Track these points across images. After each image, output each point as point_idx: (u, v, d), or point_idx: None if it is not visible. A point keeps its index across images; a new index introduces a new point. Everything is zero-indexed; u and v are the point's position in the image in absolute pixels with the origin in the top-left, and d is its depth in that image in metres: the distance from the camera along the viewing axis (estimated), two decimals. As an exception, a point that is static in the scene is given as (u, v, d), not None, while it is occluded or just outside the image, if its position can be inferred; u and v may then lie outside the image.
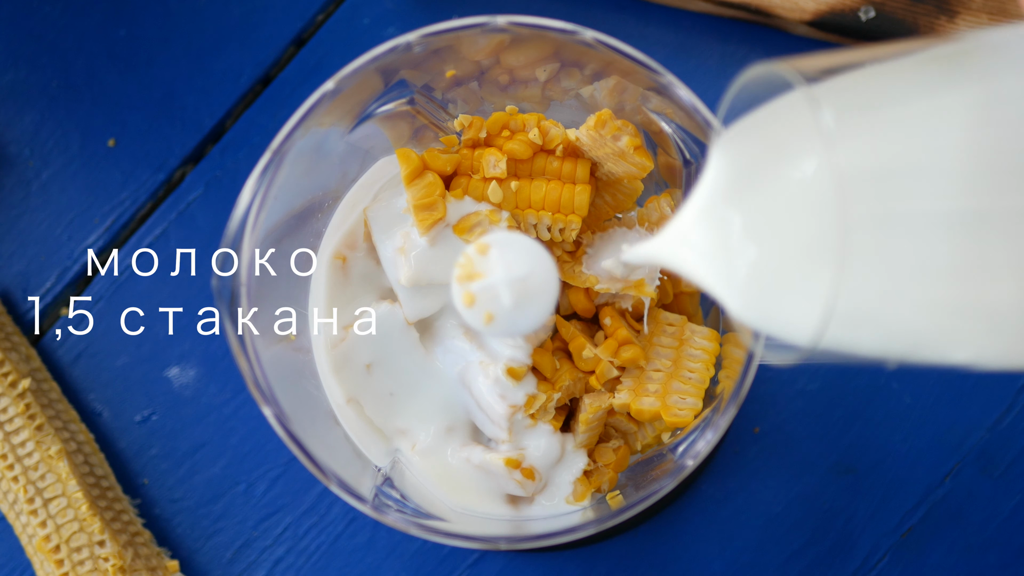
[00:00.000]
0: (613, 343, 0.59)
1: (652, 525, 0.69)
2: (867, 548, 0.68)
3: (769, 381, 0.69)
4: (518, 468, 0.59)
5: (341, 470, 0.55)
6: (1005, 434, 0.69)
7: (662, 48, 0.71)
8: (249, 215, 0.55)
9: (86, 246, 0.71)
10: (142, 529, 0.69)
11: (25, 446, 0.67)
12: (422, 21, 0.71)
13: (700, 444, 0.54)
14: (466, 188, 0.59)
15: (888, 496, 0.68)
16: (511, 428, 0.59)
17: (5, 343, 0.69)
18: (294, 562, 0.69)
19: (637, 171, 0.58)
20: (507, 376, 0.58)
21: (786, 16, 0.69)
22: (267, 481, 0.70)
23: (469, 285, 0.50)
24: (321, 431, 0.58)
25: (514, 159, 0.58)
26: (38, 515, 0.66)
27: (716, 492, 0.69)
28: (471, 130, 0.59)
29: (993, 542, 0.68)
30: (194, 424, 0.70)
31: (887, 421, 0.69)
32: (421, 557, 0.69)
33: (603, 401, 0.59)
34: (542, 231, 0.59)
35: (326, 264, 0.60)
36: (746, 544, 0.68)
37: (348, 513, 0.69)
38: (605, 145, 0.58)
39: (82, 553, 0.66)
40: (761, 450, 0.69)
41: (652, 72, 0.55)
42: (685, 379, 0.58)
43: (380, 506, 0.55)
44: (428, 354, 0.60)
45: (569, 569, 0.69)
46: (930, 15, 0.69)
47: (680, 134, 0.57)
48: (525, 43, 0.57)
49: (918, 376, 0.69)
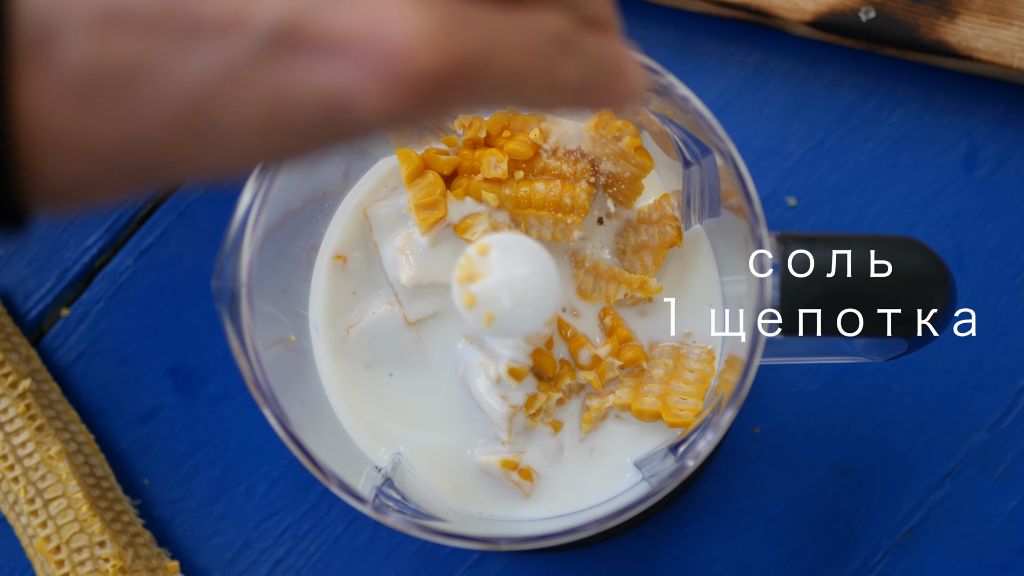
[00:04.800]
0: (614, 343, 0.59)
1: (652, 525, 0.69)
2: (867, 548, 0.68)
3: (769, 381, 0.69)
4: (516, 469, 0.59)
5: (341, 471, 0.55)
6: (1005, 434, 0.69)
7: (662, 48, 0.71)
8: (249, 215, 0.55)
9: (86, 246, 0.71)
10: (142, 530, 0.69)
11: (25, 447, 0.67)
12: (422, 21, 0.71)
13: (701, 444, 0.54)
14: (467, 188, 0.59)
15: (888, 496, 0.68)
16: (511, 429, 0.59)
17: (5, 344, 0.69)
18: (294, 563, 0.69)
19: (637, 171, 0.58)
20: (508, 377, 0.58)
21: (786, 16, 0.69)
22: (267, 482, 0.70)
23: (469, 286, 0.50)
24: (321, 432, 0.58)
25: (515, 159, 0.58)
26: (38, 515, 0.66)
27: (716, 492, 0.69)
28: (471, 130, 0.59)
29: (993, 542, 0.68)
30: (194, 425, 0.70)
31: (887, 421, 0.69)
32: (421, 558, 0.69)
33: (604, 401, 0.59)
34: (542, 231, 0.59)
35: (326, 264, 0.60)
36: (746, 544, 0.68)
37: (348, 514, 0.69)
38: (606, 146, 0.58)
39: (82, 554, 0.66)
40: (761, 450, 0.69)
41: (652, 73, 0.55)
42: (686, 379, 0.58)
43: (380, 507, 0.55)
44: (428, 355, 0.60)
45: (569, 569, 0.69)
46: (930, 15, 0.69)
47: (680, 134, 0.57)
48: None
49: (918, 376, 0.69)
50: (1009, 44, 0.69)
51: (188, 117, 0.35)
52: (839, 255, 0.55)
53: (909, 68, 0.71)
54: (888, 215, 0.70)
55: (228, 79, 0.35)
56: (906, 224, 0.70)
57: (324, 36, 0.35)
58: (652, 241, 0.59)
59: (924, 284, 0.55)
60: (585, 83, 0.40)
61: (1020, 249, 0.70)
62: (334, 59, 0.35)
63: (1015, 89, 0.71)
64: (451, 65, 0.35)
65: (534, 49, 0.38)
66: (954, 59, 0.69)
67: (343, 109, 0.35)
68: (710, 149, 0.55)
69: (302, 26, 0.35)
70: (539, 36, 0.38)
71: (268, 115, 0.35)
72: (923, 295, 0.55)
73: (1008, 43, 0.69)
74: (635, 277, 0.59)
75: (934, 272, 0.55)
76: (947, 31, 0.69)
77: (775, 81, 0.71)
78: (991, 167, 0.70)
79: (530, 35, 0.38)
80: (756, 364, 0.53)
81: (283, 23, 0.34)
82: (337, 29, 0.34)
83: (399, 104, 0.35)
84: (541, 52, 0.38)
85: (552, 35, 0.39)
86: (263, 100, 0.35)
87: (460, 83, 0.36)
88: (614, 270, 0.59)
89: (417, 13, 0.35)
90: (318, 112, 0.35)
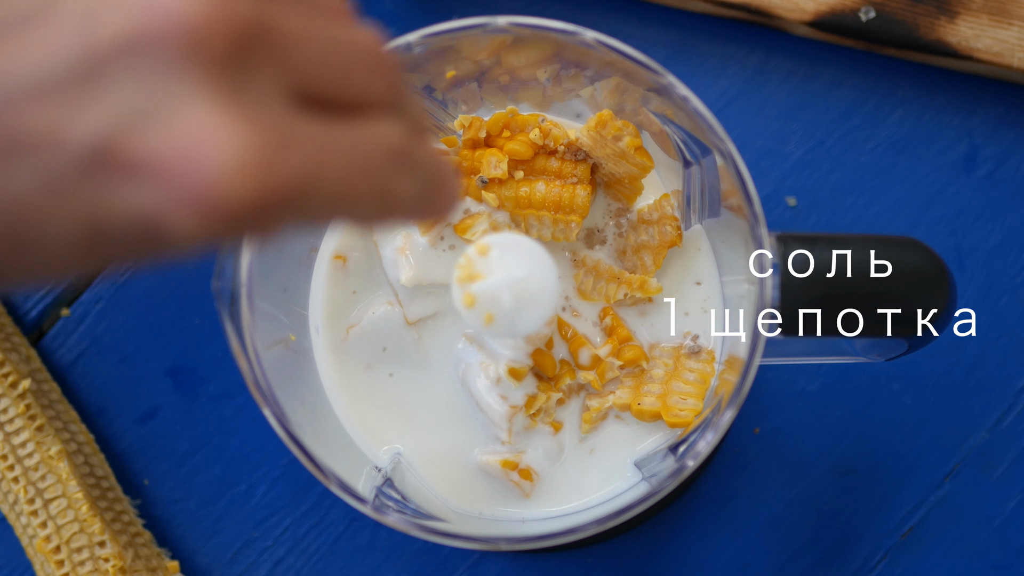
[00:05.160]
0: (614, 343, 0.59)
1: (652, 525, 0.69)
2: (867, 548, 0.68)
3: (769, 382, 0.69)
4: (516, 469, 0.59)
5: (341, 471, 0.55)
6: (1005, 434, 0.69)
7: (662, 48, 0.71)
8: (249, 216, 0.55)
9: (86, 246, 0.71)
10: (142, 530, 0.69)
11: (25, 447, 0.67)
12: (422, 22, 0.71)
13: (700, 444, 0.54)
14: (466, 189, 0.59)
15: (888, 496, 0.68)
16: (511, 429, 0.59)
17: (5, 344, 0.69)
18: (294, 563, 0.69)
19: (638, 171, 0.58)
20: (508, 377, 0.58)
21: (786, 16, 0.69)
22: (267, 482, 0.70)
23: (469, 286, 0.50)
24: (321, 432, 0.58)
25: (515, 160, 0.58)
26: (38, 515, 0.66)
27: (716, 492, 0.69)
28: (471, 130, 0.59)
29: (993, 542, 0.68)
30: (194, 424, 0.70)
31: (887, 421, 0.69)
32: (421, 558, 0.69)
33: (604, 401, 0.59)
34: (542, 231, 0.59)
35: (326, 264, 0.60)
36: (746, 544, 0.68)
37: (348, 514, 0.69)
38: (606, 146, 0.58)
39: (82, 554, 0.66)
40: (761, 450, 0.69)
41: (652, 73, 0.55)
42: (686, 379, 0.58)
43: (380, 507, 0.55)
44: (428, 355, 0.60)
45: (569, 569, 0.69)
46: (930, 15, 0.69)
47: (680, 134, 0.57)
48: (526, 44, 0.57)
49: (918, 376, 0.69)
50: (1009, 44, 0.69)
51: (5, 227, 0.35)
52: (839, 255, 0.55)
53: (909, 68, 0.71)
54: (888, 215, 0.70)
55: (44, 193, 0.34)
56: (906, 224, 0.70)
57: (138, 158, 0.34)
58: (652, 241, 0.59)
59: (924, 284, 0.55)
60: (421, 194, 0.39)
61: (1020, 249, 0.70)
62: (148, 182, 0.34)
63: (1015, 89, 0.71)
64: (268, 193, 0.34)
65: (368, 166, 0.37)
66: (954, 59, 0.69)
67: (156, 230, 0.35)
68: (710, 149, 0.55)
69: (117, 146, 0.34)
70: (373, 151, 0.37)
71: (84, 230, 0.35)
72: (923, 295, 0.55)
73: (1008, 43, 0.69)
74: (635, 277, 0.59)
75: (934, 272, 0.55)
76: (947, 31, 0.69)
77: (775, 81, 0.71)
78: (991, 167, 0.70)
79: (364, 151, 0.37)
80: (756, 364, 0.53)
81: (99, 142, 0.34)
82: (151, 152, 0.34)
83: (211, 230, 0.34)
84: (375, 169, 0.37)
85: (387, 149, 0.37)
86: (79, 216, 0.34)
87: (280, 207, 0.35)
88: (614, 270, 0.60)
89: (236, 137, 0.34)
90: (132, 231, 0.35)
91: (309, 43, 0.36)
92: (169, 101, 0.34)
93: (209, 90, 0.34)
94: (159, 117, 0.34)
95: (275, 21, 0.36)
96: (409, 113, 0.40)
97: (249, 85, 0.35)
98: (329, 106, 0.37)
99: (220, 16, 0.34)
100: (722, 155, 0.55)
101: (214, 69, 0.34)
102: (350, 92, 0.38)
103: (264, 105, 0.35)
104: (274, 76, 0.36)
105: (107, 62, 0.34)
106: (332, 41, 0.37)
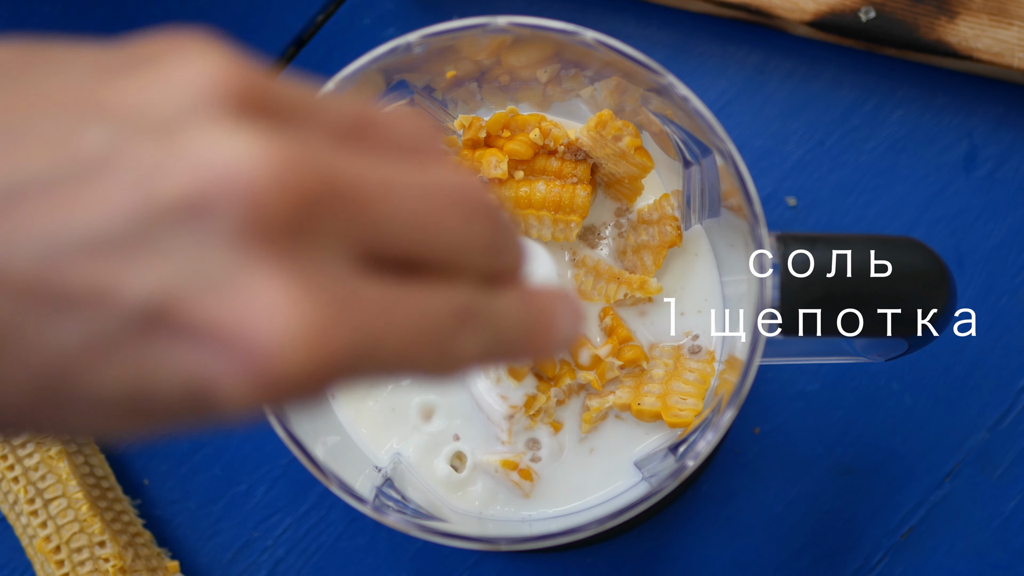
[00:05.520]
0: (614, 343, 0.59)
1: (652, 526, 0.69)
2: (867, 548, 0.68)
3: (769, 381, 0.69)
4: (516, 469, 0.59)
5: (341, 471, 0.55)
6: (1005, 434, 0.69)
7: (662, 48, 0.71)
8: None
9: (86, 246, 0.71)
10: (142, 530, 0.69)
11: (25, 446, 0.67)
12: (422, 22, 0.71)
13: (701, 444, 0.54)
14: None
15: (888, 496, 0.68)
16: (511, 429, 0.59)
17: (5, 344, 0.69)
18: (294, 563, 0.69)
19: (638, 172, 0.58)
20: (508, 377, 0.58)
21: (786, 16, 0.69)
22: (267, 482, 0.70)
23: (470, 286, 0.50)
24: (321, 431, 0.58)
25: (515, 160, 0.58)
26: (38, 515, 0.66)
27: (716, 492, 0.69)
28: (471, 130, 0.59)
29: (993, 542, 0.68)
30: (194, 424, 0.70)
31: (887, 421, 0.69)
32: (422, 558, 0.69)
33: (604, 401, 0.59)
34: (542, 231, 0.59)
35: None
36: (746, 544, 0.68)
37: (348, 514, 0.69)
38: (606, 146, 0.58)
39: (82, 554, 0.66)
40: (761, 450, 0.69)
41: (653, 73, 0.55)
42: (686, 379, 0.58)
43: (380, 507, 0.55)
44: (428, 355, 0.60)
45: (569, 569, 0.69)
46: (930, 15, 0.69)
47: (680, 134, 0.57)
48: (526, 44, 0.57)
49: (918, 376, 0.69)
50: (1009, 44, 0.69)
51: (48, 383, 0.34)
52: (839, 255, 0.55)
53: (909, 68, 0.71)
54: (888, 215, 0.70)
55: (91, 351, 0.34)
56: (906, 224, 0.70)
57: (193, 322, 0.33)
58: (652, 241, 0.59)
59: (924, 284, 0.55)
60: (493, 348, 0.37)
61: (1020, 249, 0.70)
62: (200, 346, 0.33)
63: (1015, 89, 0.71)
64: (322, 363, 0.34)
65: (430, 329, 0.36)
66: (954, 59, 0.69)
67: (206, 396, 0.34)
68: (710, 149, 0.55)
69: (171, 308, 0.33)
70: (436, 313, 0.36)
71: (129, 391, 0.34)
72: (923, 295, 0.55)
73: (1008, 43, 0.69)
74: (635, 277, 0.59)
75: (934, 272, 0.55)
76: (947, 31, 0.69)
77: (775, 81, 0.71)
78: (991, 167, 0.70)
79: (426, 314, 0.36)
80: (756, 364, 0.53)
81: (151, 303, 0.33)
82: (207, 317, 0.33)
83: (263, 398, 0.34)
84: (436, 331, 0.36)
85: (452, 310, 0.36)
86: (125, 376, 0.34)
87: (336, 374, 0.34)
88: (614, 270, 0.60)
89: (294, 306, 0.33)
90: (180, 395, 0.34)
91: (387, 200, 0.35)
92: (227, 267, 0.33)
93: (268, 258, 0.33)
94: (215, 282, 0.33)
95: (348, 180, 0.34)
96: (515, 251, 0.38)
97: (312, 250, 0.34)
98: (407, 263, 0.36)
99: (285, 181, 0.33)
100: (722, 155, 0.55)
101: (275, 237, 0.33)
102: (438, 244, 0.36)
103: (326, 270, 0.34)
104: (340, 239, 0.34)
105: (164, 224, 0.33)
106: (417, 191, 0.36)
